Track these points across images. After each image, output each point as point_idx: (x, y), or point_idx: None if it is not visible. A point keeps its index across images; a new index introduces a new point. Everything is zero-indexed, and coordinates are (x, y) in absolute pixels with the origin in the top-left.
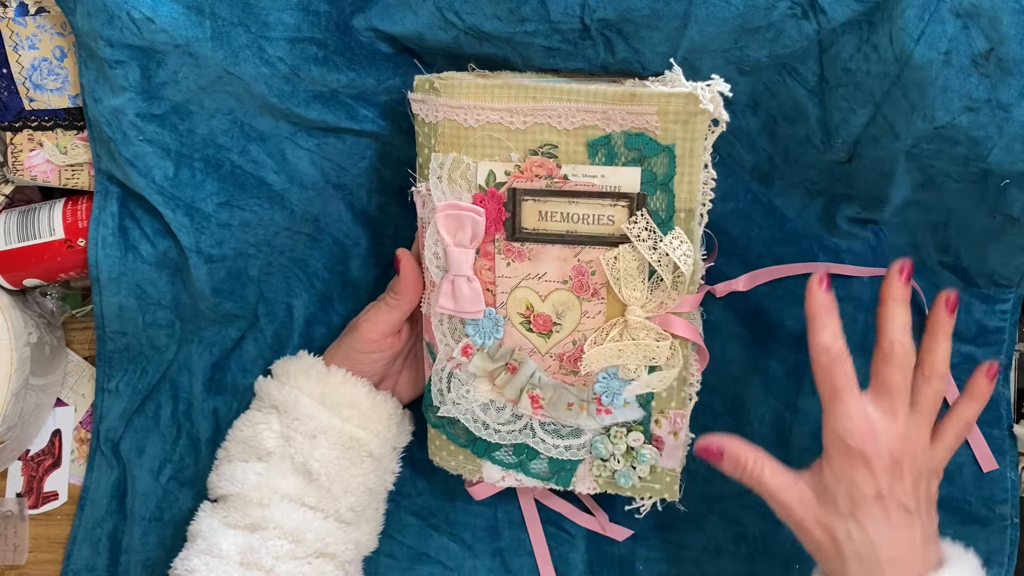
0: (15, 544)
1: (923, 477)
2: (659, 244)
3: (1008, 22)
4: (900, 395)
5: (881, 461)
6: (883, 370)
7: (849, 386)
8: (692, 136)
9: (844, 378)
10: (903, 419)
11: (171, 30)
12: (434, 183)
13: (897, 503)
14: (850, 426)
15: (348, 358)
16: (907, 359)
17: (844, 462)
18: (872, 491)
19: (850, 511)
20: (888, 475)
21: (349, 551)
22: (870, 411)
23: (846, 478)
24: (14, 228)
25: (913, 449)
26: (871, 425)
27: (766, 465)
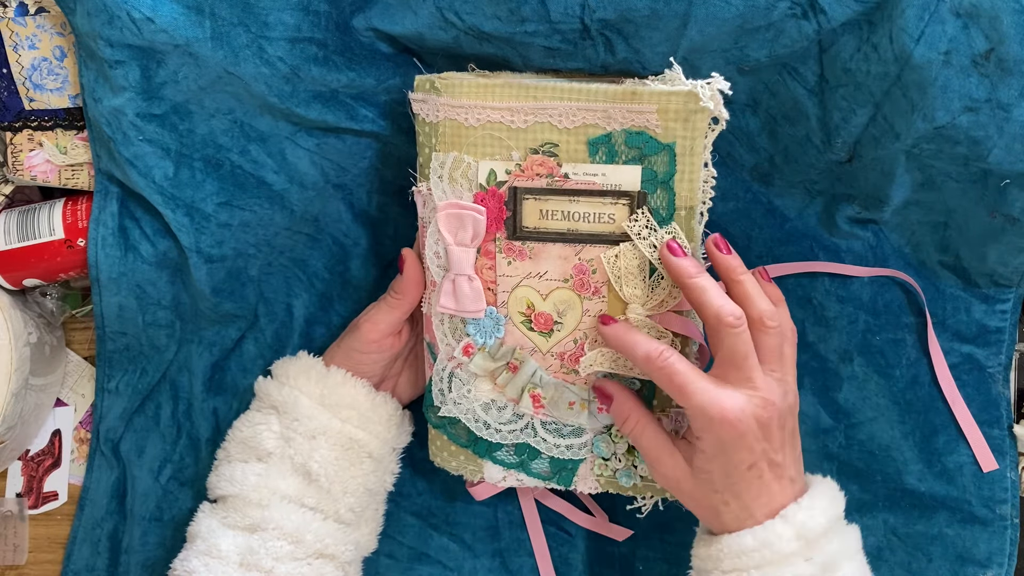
0: (15, 544)
1: (787, 418)
2: (655, 239)
3: (1008, 22)
4: (749, 360)
5: (752, 433)
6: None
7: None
8: (692, 134)
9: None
10: (760, 381)
11: (171, 30)
12: (435, 182)
13: (768, 462)
14: (719, 415)
15: (348, 358)
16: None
17: (713, 438)
18: (747, 463)
19: (726, 485)
20: (760, 442)
21: (349, 552)
22: (725, 392)
23: (720, 458)
24: (14, 228)
25: (776, 405)
26: (734, 404)
27: (647, 428)
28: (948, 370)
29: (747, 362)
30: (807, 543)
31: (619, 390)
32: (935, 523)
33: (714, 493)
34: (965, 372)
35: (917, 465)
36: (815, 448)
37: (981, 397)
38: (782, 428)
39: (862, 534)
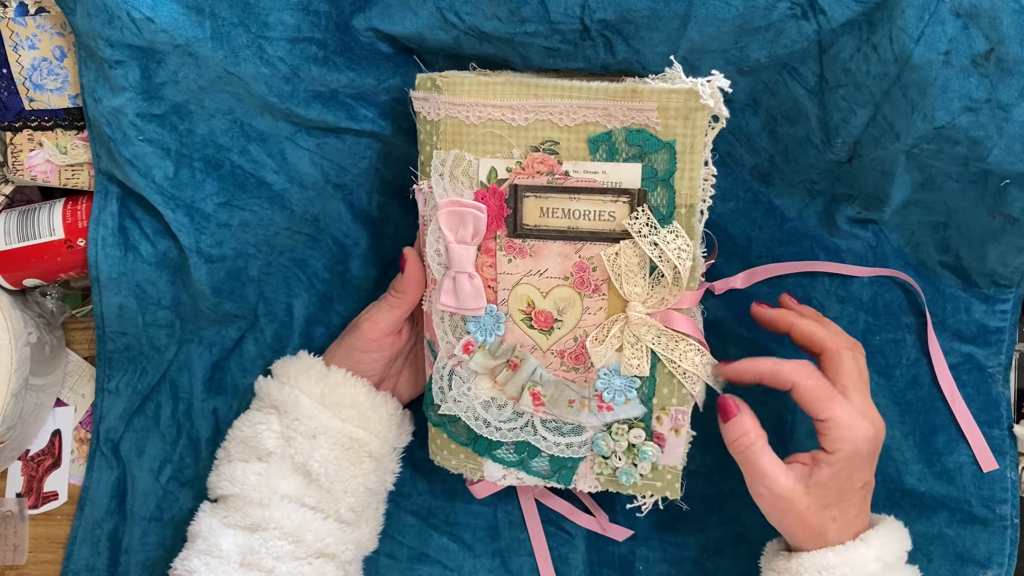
0: (15, 544)
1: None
2: (656, 239)
3: (1008, 22)
4: (861, 383)
5: (873, 456)
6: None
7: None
8: (693, 132)
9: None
10: (868, 405)
11: (171, 30)
12: (436, 180)
13: (870, 485)
14: (850, 419)
15: (348, 357)
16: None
17: (852, 457)
18: (861, 483)
19: (836, 501)
20: (873, 465)
21: (349, 551)
22: (856, 413)
23: (843, 476)
24: (14, 228)
25: (879, 431)
26: (865, 425)
27: (766, 447)
28: (948, 370)
29: (864, 384)
30: (885, 566)
31: (745, 407)
32: (935, 523)
33: (824, 509)
34: (965, 372)
35: (917, 465)
36: (815, 448)
37: (981, 397)
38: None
39: None
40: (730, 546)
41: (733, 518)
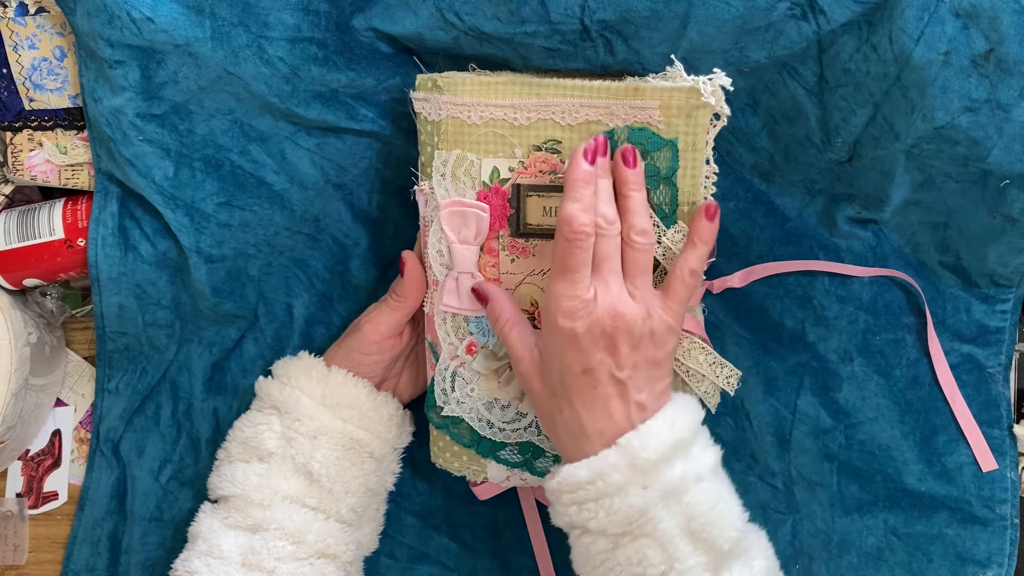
0: (15, 544)
1: (644, 342)
2: (663, 238)
3: (1008, 22)
4: (605, 265)
5: (589, 337)
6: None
7: (582, 267)
8: (695, 130)
9: (579, 258)
10: (615, 290)
11: (171, 30)
12: (437, 181)
13: (607, 375)
14: (567, 306)
15: (349, 359)
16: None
17: (555, 340)
18: (579, 367)
19: (561, 387)
20: (597, 350)
21: (350, 552)
22: (579, 290)
23: (557, 355)
24: (14, 228)
25: (627, 318)
26: (578, 303)
27: (516, 326)
28: (948, 370)
29: (604, 265)
30: (642, 472)
31: (496, 290)
32: (935, 523)
33: (553, 397)
34: (965, 372)
35: (917, 465)
36: (815, 448)
37: (981, 397)
38: (634, 348)
39: (862, 534)
40: None
41: None
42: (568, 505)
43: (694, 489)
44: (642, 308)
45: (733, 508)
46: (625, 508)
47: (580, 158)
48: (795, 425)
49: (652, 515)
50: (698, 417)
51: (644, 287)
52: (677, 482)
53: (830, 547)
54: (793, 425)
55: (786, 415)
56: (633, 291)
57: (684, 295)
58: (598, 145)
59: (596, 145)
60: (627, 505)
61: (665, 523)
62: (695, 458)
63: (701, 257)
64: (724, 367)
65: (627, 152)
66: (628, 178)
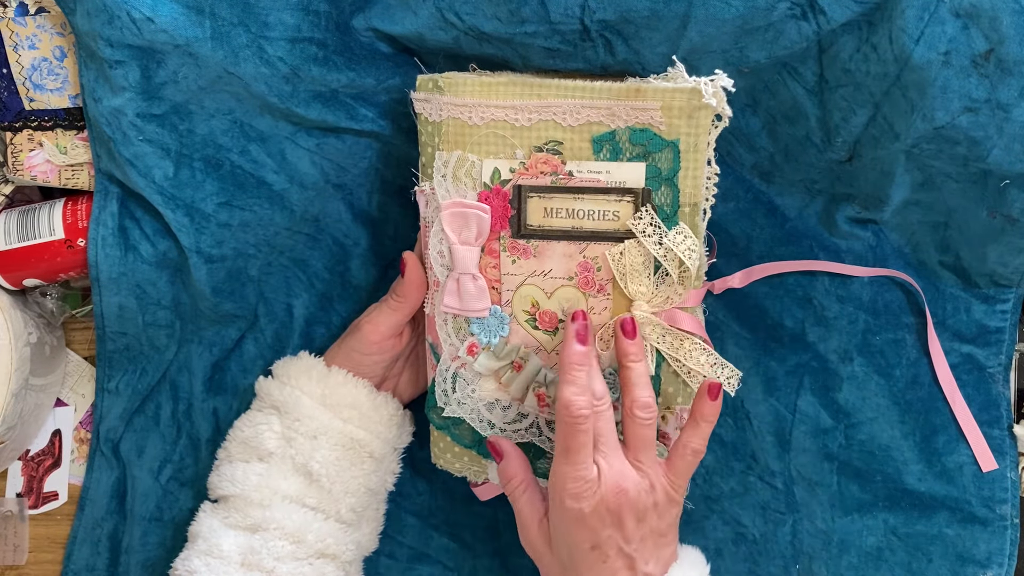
0: (15, 544)
1: (649, 514)
2: (664, 239)
3: (1008, 22)
4: (603, 441)
5: (595, 515)
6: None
7: (584, 448)
8: (696, 131)
9: (580, 441)
10: (617, 466)
11: (171, 30)
12: (438, 181)
13: (615, 549)
14: (573, 488)
15: (349, 359)
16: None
17: (562, 519)
18: (588, 544)
19: (571, 563)
20: (604, 527)
21: (350, 552)
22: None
23: (565, 533)
24: (14, 228)
25: (631, 493)
26: (583, 484)
27: (527, 492)
28: (948, 370)
29: (602, 441)
30: None
31: (512, 450)
32: (935, 523)
33: (563, 571)
34: (965, 372)
35: (917, 465)
36: (815, 448)
37: (981, 397)
38: (639, 521)
39: (862, 534)
40: (730, 546)
41: (733, 519)
42: None
43: None
44: (645, 481)
45: None
46: None
47: (573, 341)
48: (795, 425)
49: None
50: (704, 572)
51: (648, 460)
52: None
53: (830, 547)
54: (793, 425)
55: (786, 415)
56: (637, 464)
57: (686, 470)
58: (588, 324)
59: (586, 325)
60: None
61: None
62: None
63: (703, 436)
64: (725, 367)
65: (626, 324)
66: (628, 350)
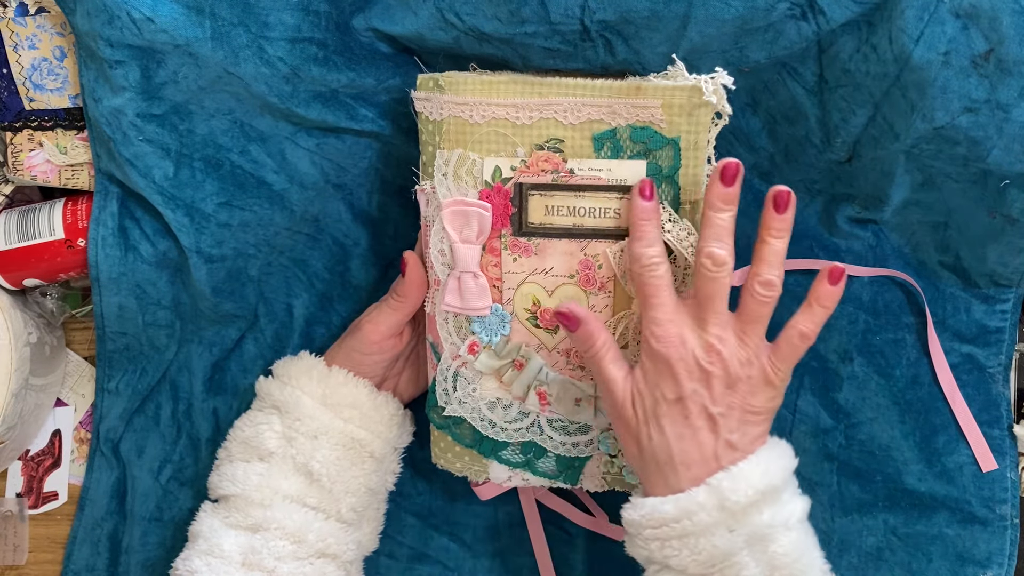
0: (15, 544)
1: (741, 385)
2: (672, 237)
3: (1008, 23)
4: (712, 304)
5: (685, 366)
6: (697, 281)
7: (660, 292)
8: (696, 129)
9: (655, 285)
10: (717, 328)
11: (171, 30)
12: (439, 180)
13: (699, 407)
14: (658, 332)
15: (349, 359)
16: (719, 270)
17: (652, 366)
18: (673, 395)
19: (653, 413)
20: (692, 381)
21: (350, 551)
22: (682, 319)
23: (652, 381)
24: (14, 228)
25: (724, 355)
26: (678, 331)
27: (610, 351)
28: (948, 370)
29: (713, 304)
30: (731, 514)
31: (587, 314)
32: (935, 523)
33: (643, 423)
34: (965, 372)
35: (917, 465)
36: (815, 448)
37: (981, 397)
38: (730, 388)
39: (862, 534)
40: None
41: None
42: (650, 540)
43: (781, 538)
44: (744, 352)
45: (817, 562)
46: (710, 549)
47: (638, 196)
48: (795, 425)
49: (737, 560)
50: (791, 465)
51: (754, 336)
52: (765, 529)
53: (830, 547)
54: (793, 425)
55: (786, 415)
56: (742, 335)
57: (791, 356)
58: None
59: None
60: (712, 546)
61: (749, 570)
62: (785, 505)
63: (817, 322)
64: None
65: (780, 196)
66: (772, 224)
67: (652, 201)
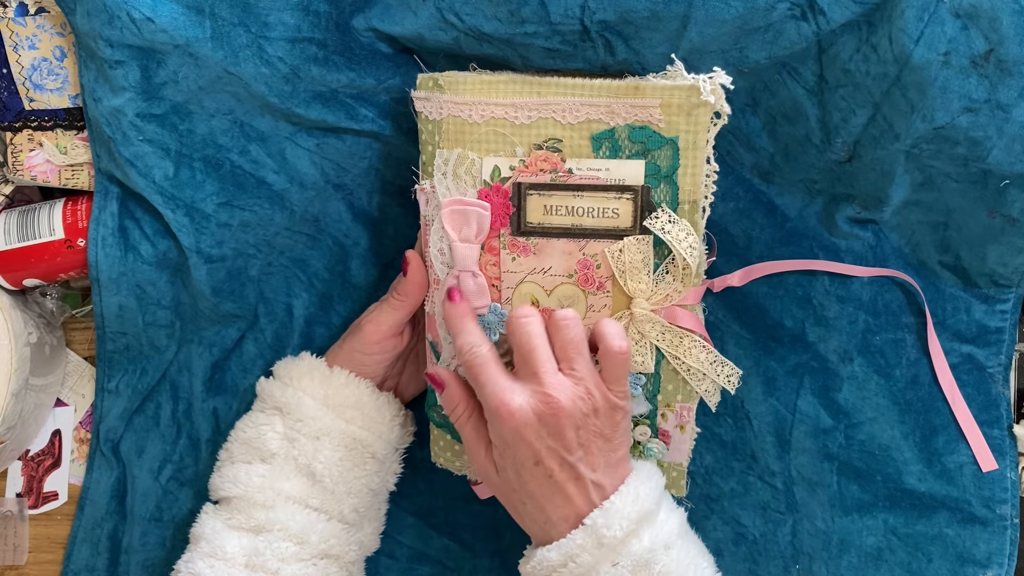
0: (15, 544)
1: (589, 421)
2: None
3: (1007, 23)
4: (535, 354)
5: (531, 429)
6: (511, 339)
7: (486, 368)
8: (695, 128)
9: (479, 364)
10: (546, 375)
11: (171, 30)
12: (439, 179)
13: (558, 461)
14: (496, 406)
15: (351, 359)
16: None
17: (502, 441)
18: (531, 459)
19: (519, 481)
20: (542, 439)
21: (353, 552)
22: (513, 384)
23: (508, 455)
24: (14, 228)
25: (563, 402)
26: (512, 398)
27: (472, 417)
28: (948, 370)
29: (533, 356)
30: (611, 549)
31: (452, 378)
32: (935, 523)
33: (512, 492)
34: (965, 372)
35: (917, 465)
36: (815, 448)
37: (981, 397)
38: (578, 429)
39: (862, 534)
40: (730, 546)
41: (733, 518)
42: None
43: (663, 558)
44: (579, 387)
45: (704, 569)
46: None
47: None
48: (795, 425)
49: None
50: (660, 484)
51: (581, 367)
52: (646, 554)
53: (830, 547)
54: (793, 425)
55: (786, 415)
56: (570, 373)
57: (622, 372)
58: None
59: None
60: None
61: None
62: (661, 525)
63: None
64: (725, 366)
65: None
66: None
67: (461, 303)
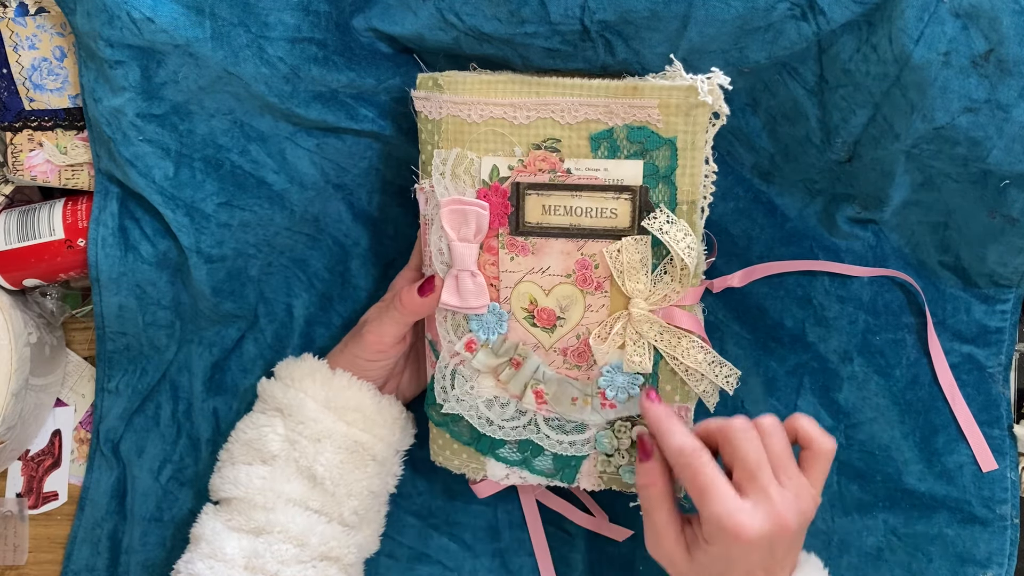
0: (15, 544)
1: (797, 537)
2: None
3: (1008, 23)
4: (762, 470)
5: (760, 552)
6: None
7: (713, 477)
8: (693, 129)
9: (705, 472)
10: (777, 496)
11: (171, 30)
12: (437, 179)
13: (764, 570)
14: (733, 528)
15: (353, 364)
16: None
17: (722, 547)
18: (743, 571)
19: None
20: (765, 559)
21: (352, 554)
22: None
23: (723, 559)
24: (14, 228)
25: (790, 528)
26: (749, 521)
27: (666, 502)
28: (948, 370)
29: (761, 472)
30: None
31: (657, 453)
32: (935, 523)
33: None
34: (965, 372)
35: (917, 465)
36: None
37: (981, 397)
38: (790, 547)
39: (862, 534)
40: None
41: None
42: None
43: None
44: (802, 503)
45: None
46: None
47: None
48: None
49: None
50: None
51: (796, 476)
52: None
53: (830, 547)
54: None
55: (786, 415)
56: (787, 483)
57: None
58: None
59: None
60: None
61: None
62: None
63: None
64: (723, 366)
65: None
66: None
67: (659, 403)
